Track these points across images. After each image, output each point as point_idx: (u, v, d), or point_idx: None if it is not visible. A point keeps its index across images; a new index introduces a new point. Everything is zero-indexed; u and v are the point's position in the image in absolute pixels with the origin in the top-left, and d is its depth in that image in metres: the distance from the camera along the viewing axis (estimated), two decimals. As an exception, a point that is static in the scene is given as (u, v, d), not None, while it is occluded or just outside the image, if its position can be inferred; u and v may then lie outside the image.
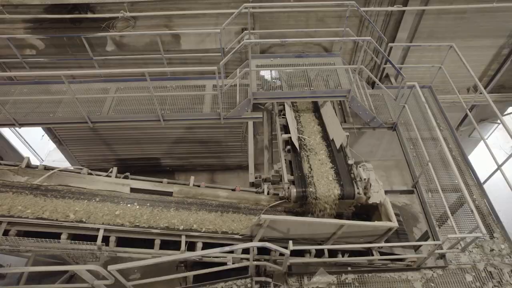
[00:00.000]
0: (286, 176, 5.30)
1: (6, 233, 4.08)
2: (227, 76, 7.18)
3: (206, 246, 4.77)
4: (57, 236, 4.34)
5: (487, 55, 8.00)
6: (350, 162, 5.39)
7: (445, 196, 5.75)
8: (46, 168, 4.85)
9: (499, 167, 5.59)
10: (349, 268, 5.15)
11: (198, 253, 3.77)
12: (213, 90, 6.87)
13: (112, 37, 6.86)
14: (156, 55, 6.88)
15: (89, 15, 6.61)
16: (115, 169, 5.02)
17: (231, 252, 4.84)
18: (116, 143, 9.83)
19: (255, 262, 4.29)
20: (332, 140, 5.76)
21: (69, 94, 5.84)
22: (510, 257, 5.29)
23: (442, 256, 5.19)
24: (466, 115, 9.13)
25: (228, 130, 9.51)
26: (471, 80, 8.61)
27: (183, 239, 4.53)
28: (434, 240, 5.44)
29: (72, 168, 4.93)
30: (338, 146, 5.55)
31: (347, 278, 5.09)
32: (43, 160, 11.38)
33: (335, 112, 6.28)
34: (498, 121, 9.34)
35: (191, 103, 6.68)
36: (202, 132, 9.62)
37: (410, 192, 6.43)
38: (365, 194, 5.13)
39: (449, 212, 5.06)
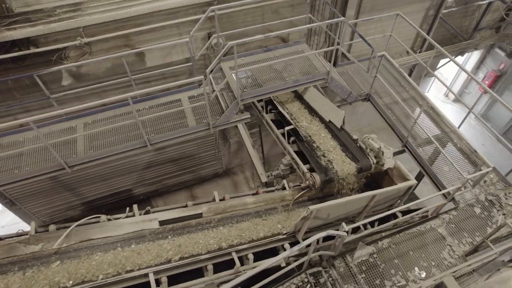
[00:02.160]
0: (303, 166, 5.36)
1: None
2: (200, 85, 6.93)
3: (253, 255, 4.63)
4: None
5: (418, 18, 8.95)
6: (355, 137, 5.64)
7: (429, 148, 6.42)
8: (58, 228, 4.20)
9: (470, 110, 6.37)
10: (382, 235, 5.43)
11: (271, 261, 3.62)
12: (190, 101, 6.60)
13: (68, 69, 6.14)
14: (122, 79, 6.35)
15: (34, 50, 5.83)
16: (135, 207, 4.55)
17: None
18: (80, 185, 8.86)
19: (313, 254, 4.29)
20: (329, 121, 5.96)
21: (40, 141, 5.13)
22: (499, 183, 6.08)
23: (451, 199, 5.75)
24: (410, 75, 10.18)
25: (199, 141, 9.19)
26: (408, 43, 9.57)
27: (235, 256, 4.32)
28: (438, 187, 6.01)
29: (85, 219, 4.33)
30: (339, 125, 5.77)
31: (383, 243, 5.37)
32: (-11, 229, 9.79)
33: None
34: (435, 72, 10.56)
35: (173, 120, 6.32)
36: (172, 150, 9.16)
37: (400, 152, 6.97)
38: (377, 162, 5.43)
39: (450, 159, 5.63)
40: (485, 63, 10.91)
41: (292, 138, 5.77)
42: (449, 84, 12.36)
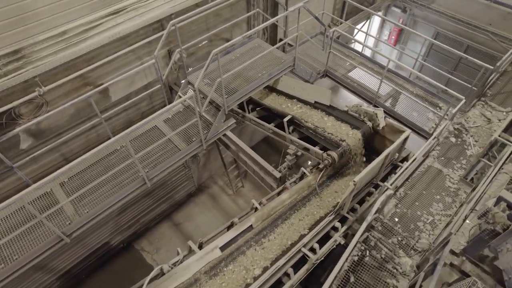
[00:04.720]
0: (315, 148, 5.55)
1: None
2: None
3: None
4: None
5: (332, -8, 9.78)
6: (345, 108, 6.02)
7: (392, 101, 7.20)
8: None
9: (416, 59, 7.29)
10: (397, 185, 5.94)
11: (357, 236, 3.72)
12: (167, 125, 6.19)
13: (26, 129, 5.21)
14: (85, 125, 5.67)
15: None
16: (191, 243, 4.15)
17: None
18: (52, 258, 7.67)
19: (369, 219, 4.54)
20: (315, 102, 6.23)
21: (30, 218, 4.36)
22: (457, 114, 7.12)
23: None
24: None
25: (169, 165, 8.68)
26: (329, 17, 10.38)
27: (305, 251, 4.32)
28: (417, 132, 6.79)
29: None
30: (328, 103, 6.08)
31: (400, 193, 5.91)
32: None
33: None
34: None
35: (161, 148, 5.89)
36: (143, 185, 8.48)
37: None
38: (373, 124, 5.90)
39: (424, 104, 6.41)
40: (387, 21, 12.45)
41: (291, 127, 5.89)
42: (362, 48, 13.79)
